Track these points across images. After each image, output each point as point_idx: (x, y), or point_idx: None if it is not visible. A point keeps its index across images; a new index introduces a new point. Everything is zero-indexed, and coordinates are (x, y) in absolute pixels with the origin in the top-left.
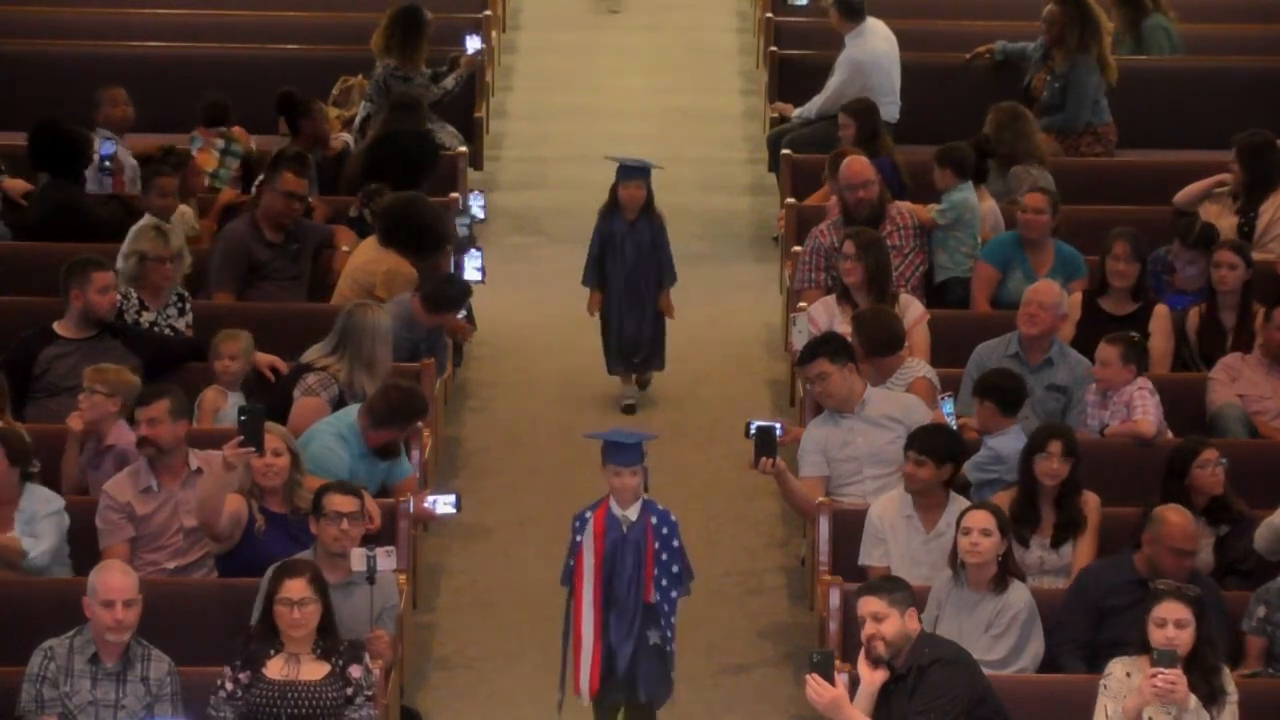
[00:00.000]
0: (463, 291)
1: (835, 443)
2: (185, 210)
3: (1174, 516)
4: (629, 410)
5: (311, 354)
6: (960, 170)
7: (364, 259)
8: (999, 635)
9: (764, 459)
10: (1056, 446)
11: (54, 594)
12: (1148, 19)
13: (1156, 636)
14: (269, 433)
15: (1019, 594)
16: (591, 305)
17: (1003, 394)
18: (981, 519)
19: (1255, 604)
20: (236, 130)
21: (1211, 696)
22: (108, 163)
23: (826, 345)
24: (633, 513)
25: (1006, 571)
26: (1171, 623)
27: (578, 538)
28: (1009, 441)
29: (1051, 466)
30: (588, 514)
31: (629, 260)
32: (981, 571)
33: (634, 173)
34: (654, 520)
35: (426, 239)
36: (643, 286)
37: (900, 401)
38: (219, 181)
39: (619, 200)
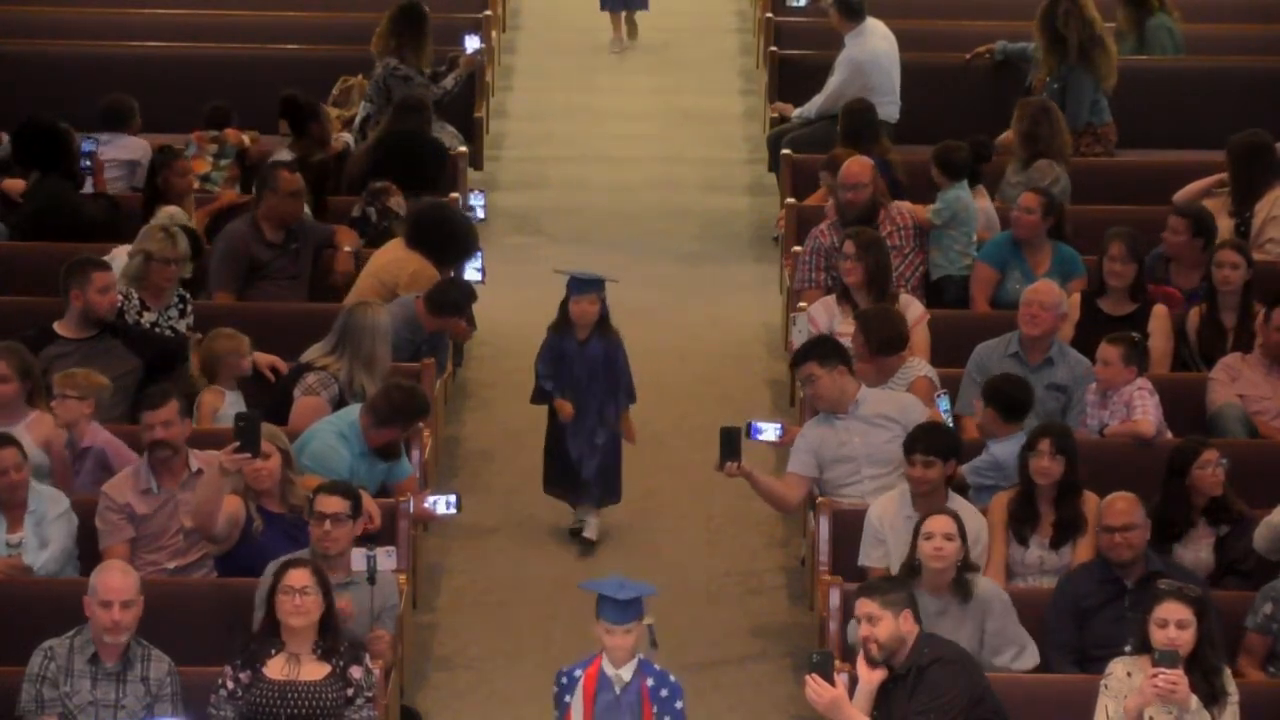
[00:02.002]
0: (467, 296)
1: (831, 444)
2: (175, 211)
3: (1109, 498)
4: (581, 536)
5: (311, 353)
6: (949, 171)
7: (389, 258)
8: (1004, 623)
9: (729, 463)
10: (1046, 444)
11: (54, 594)
12: (1152, 18)
13: (1158, 637)
14: None
15: (987, 585)
16: (563, 411)
17: (1005, 400)
18: (943, 524)
19: (1262, 601)
20: (229, 132)
21: (1213, 697)
22: (87, 161)
23: (816, 348)
24: (626, 672)
25: (963, 571)
26: (1173, 623)
27: (566, 698)
28: (1009, 448)
29: (1042, 464)
30: (577, 672)
31: (580, 381)
32: (942, 576)
33: (585, 286)
34: (650, 682)
35: (454, 247)
36: (594, 411)
37: (896, 401)
38: (212, 185)
39: (569, 317)
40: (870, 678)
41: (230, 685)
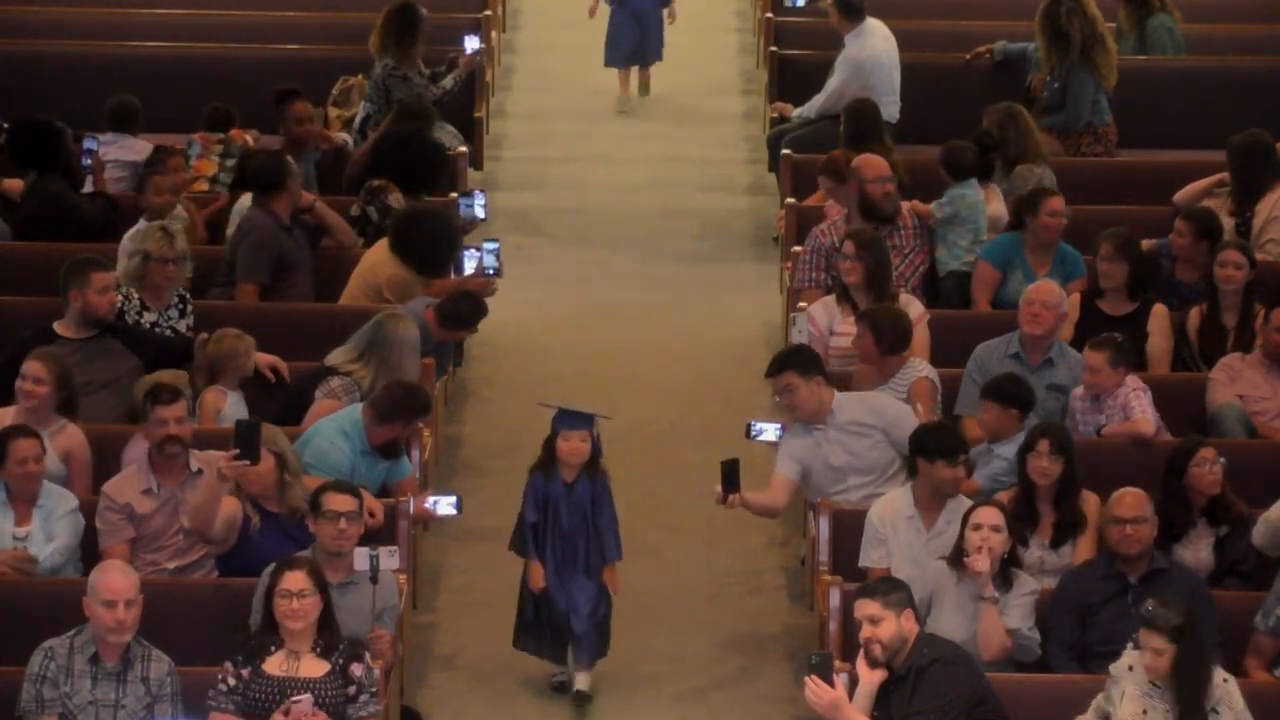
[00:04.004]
0: (478, 311)
1: (814, 454)
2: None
3: (1119, 492)
4: (562, 688)
5: (336, 357)
6: (954, 171)
7: (372, 260)
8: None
9: (732, 495)
10: (1045, 445)
11: (54, 594)
12: (1152, 18)
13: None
14: None
15: (1028, 581)
16: (534, 576)
17: (1012, 398)
18: (991, 515)
19: (1275, 603)
20: (235, 132)
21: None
22: (88, 160)
23: (795, 358)
24: None
25: (1009, 565)
26: (1149, 650)
27: None
28: (1015, 449)
29: (1041, 465)
30: None
31: (565, 527)
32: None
33: (575, 422)
34: None
35: (429, 259)
36: (581, 560)
37: (869, 404)
38: (220, 186)
39: (555, 454)
40: (870, 678)
41: (231, 681)
